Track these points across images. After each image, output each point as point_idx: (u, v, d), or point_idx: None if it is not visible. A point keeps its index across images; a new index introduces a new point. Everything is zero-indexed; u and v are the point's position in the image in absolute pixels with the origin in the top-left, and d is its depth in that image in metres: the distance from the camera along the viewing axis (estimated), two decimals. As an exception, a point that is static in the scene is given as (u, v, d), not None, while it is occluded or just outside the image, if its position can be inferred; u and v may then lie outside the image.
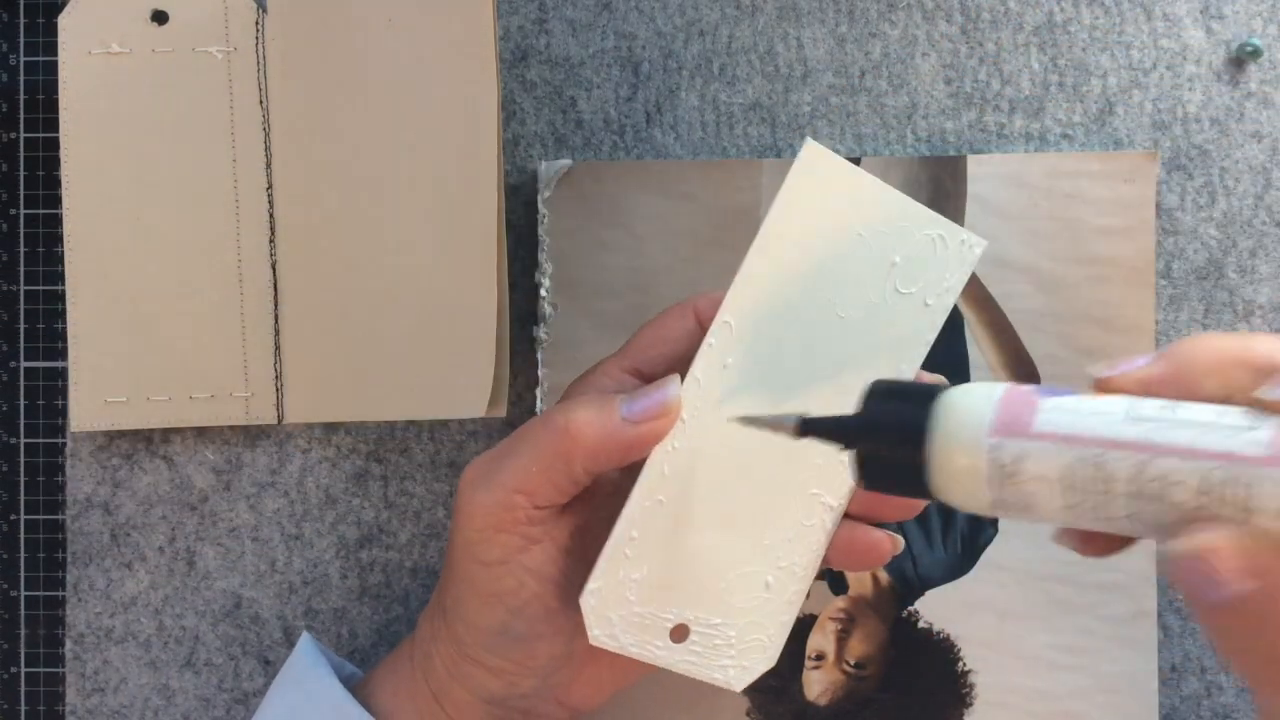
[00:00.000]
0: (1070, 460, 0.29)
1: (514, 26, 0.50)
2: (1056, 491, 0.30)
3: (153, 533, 0.50)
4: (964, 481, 0.31)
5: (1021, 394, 0.30)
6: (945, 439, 0.31)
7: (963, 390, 0.31)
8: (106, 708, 0.50)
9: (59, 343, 0.50)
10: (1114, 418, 0.29)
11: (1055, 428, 0.29)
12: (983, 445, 0.30)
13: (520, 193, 0.50)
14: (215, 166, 0.48)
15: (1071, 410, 0.30)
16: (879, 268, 0.39)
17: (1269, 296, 0.50)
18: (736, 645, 0.40)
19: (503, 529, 0.38)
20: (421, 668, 0.42)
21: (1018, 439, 0.30)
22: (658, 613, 0.39)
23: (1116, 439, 0.29)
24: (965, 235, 0.39)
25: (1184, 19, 0.50)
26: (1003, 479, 0.30)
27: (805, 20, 0.50)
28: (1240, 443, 0.28)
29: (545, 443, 0.38)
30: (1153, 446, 0.28)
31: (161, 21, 0.48)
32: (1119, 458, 0.29)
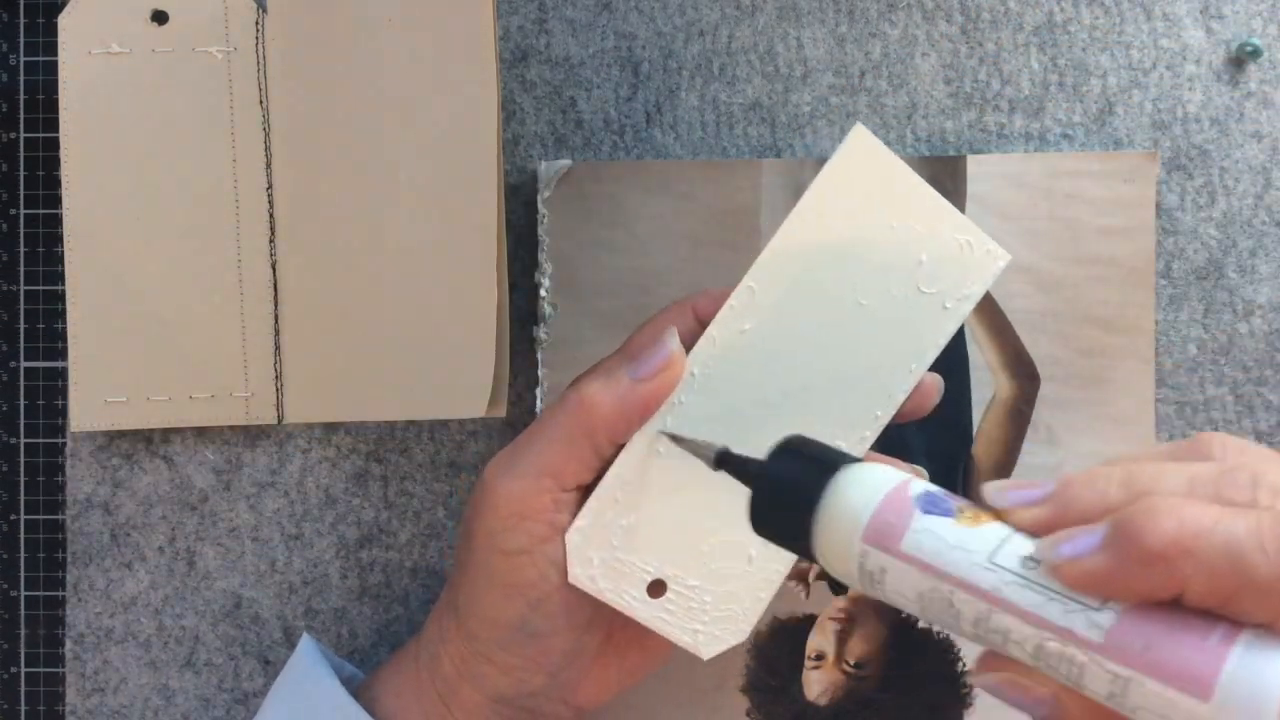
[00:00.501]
0: (925, 587, 0.30)
1: (514, 26, 0.50)
2: (914, 605, 0.30)
3: (153, 533, 0.50)
4: (840, 569, 0.32)
5: (900, 503, 0.31)
6: (826, 526, 0.32)
7: (855, 478, 0.32)
8: (106, 708, 0.50)
9: (59, 343, 0.50)
10: (974, 557, 0.29)
11: (918, 552, 0.30)
12: (854, 548, 0.31)
13: (520, 193, 0.50)
14: (215, 166, 0.48)
15: (938, 537, 0.30)
16: (905, 263, 0.39)
17: (1269, 296, 0.50)
18: (710, 612, 0.40)
19: (528, 515, 0.39)
20: (428, 669, 0.42)
21: (884, 553, 0.30)
22: (638, 563, 0.40)
23: (969, 582, 0.29)
24: (991, 246, 0.40)
25: (1184, 19, 0.50)
26: (869, 580, 0.31)
27: (805, 20, 0.50)
28: (1081, 622, 0.27)
29: (564, 421, 0.39)
30: (1000, 601, 0.28)
31: (161, 21, 0.48)
32: (967, 601, 0.29)
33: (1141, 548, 0.26)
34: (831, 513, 0.31)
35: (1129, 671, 0.26)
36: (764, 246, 0.50)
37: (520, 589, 0.39)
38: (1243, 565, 0.26)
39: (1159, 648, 0.26)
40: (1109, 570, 0.27)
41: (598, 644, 0.41)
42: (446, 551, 0.50)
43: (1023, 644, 0.28)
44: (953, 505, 0.30)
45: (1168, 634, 0.26)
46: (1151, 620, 0.27)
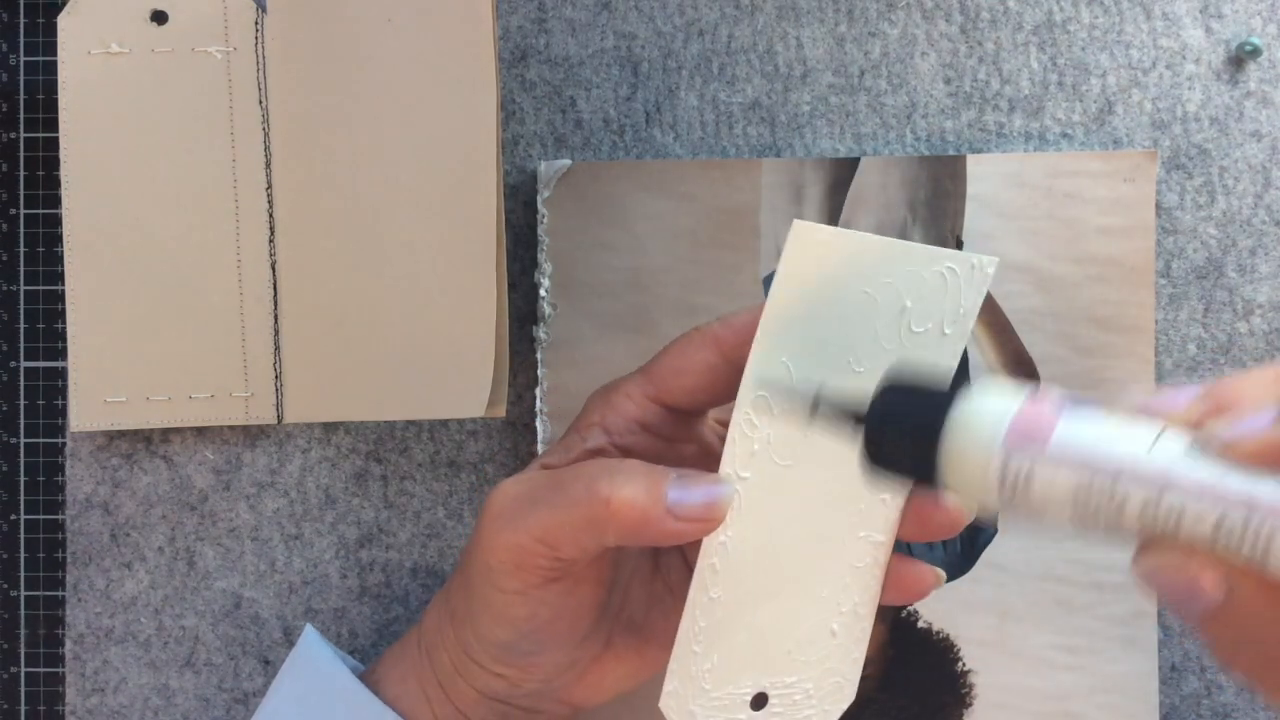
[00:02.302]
0: (1081, 481, 0.28)
1: (513, 26, 0.50)
2: (1066, 509, 0.29)
3: (152, 533, 0.50)
4: (973, 486, 0.30)
5: (1042, 405, 0.29)
6: (957, 444, 0.30)
7: (981, 394, 0.30)
8: (106, 708, 0.50)
9: (59, 343, 0.50)
10: (1135, 445, 0.28)
11: (1071, 448, 0.28)
12: (994, 456, 0.29)
13: (520, 192, 0.50)
14: (215, 167, 0.48)
15: (1091, 431, 0.28)
16: (891, 317, 0.38)
17: (1268, 295, 0.50)
18: (815, 695, 0.40)
19: (524, 567, 0.38)
20: (429, 656, 0.42)
21: (1030, 454, 0.29)
22: (734, 691, 0.39)
23: (1134, 468, 0.28)
24: (975, 259, 0.38)
25: (1183, 18, 0.50)
26: (1012, 490, 0.29)
27: (804, 20, 0.50)
28: (1265, 490, 0.26)
29: (582, 506, 0.36)
30: (1171, 482, 0.27)
31: (161, 21, 0.48)
32: (1134, 488, 0.28)
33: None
34: (964, 426, 0.30)
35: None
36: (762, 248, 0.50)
37: (512, 621, 0.39)
38: None
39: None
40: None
41: (595, 653, 0.41)
42: (446, 551, 0.50)
43: (1200, 522, 0.27)
44: (1098, 405, 0.29)
45: None
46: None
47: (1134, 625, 0.49)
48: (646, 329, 0.49)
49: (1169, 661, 0.50)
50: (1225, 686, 0.50)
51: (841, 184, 0.49)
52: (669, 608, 0.41)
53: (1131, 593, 0.49)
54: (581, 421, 0.41)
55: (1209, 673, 0.50)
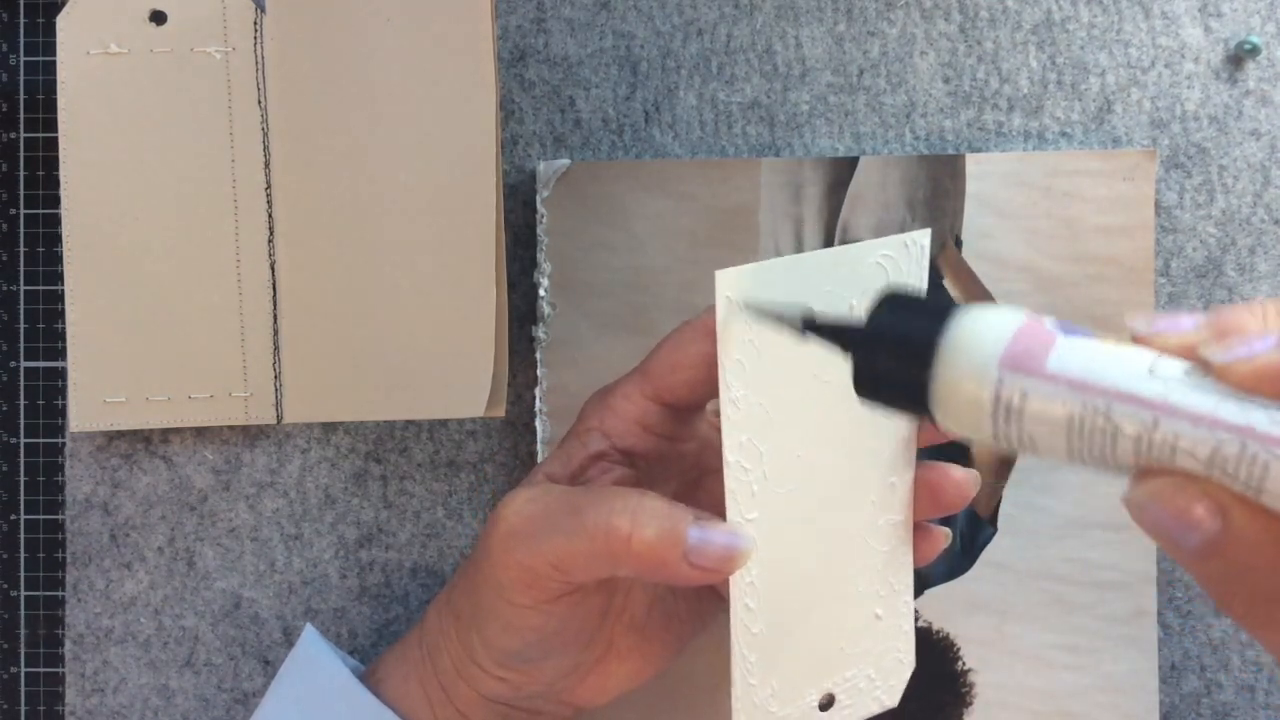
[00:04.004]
0: (1078, 406, 0.27)
1: (512, 26, 0.50)
2: (1060, 435, 0.28)
3: (152, 533, 0.50)
4: (966, 410, 0.29)
5: (1039, 328, 0.29)
6: (951, 364, 0.29)
7: (978, 313, 0.29)
8: (106, 708, 0.50)
9: (59, 343, 0.50)
10: (1132, 369, 0.27)
11: (1068, 370, 0.28)
12: (990, 377, 0.28)
13: (519, 192, 0.50)
14: (214, 167, 0.48)
15: (1088, 354, 0.28)
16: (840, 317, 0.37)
17: (1268, 294, 0.50)
18: (876, 676, 0.40)
19: (535, 586, 0.38)
20: (430, 658, 0.42)
21: (1026, 376, 0.28)
22: (801, 703, 0.39)
23: (1130, 392, 0.27)
24: (908, 238, 0.38)
25: (1182, 17, 0.50)
26: (1006, 414, 0.28)
27: (803, 19, 0.50)
28: (1263, 419, 0.25)
29: (600, 541, 0.36)
30: (1167, 407, 0.26)
31: (160, 22, 0.48)
32: (1129, 412, 0.27)
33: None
34: (958, 346, 0.29)
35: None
36: (761, 247, 0.50)
37: (520, 631, 0.39)
38: None
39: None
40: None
41: (598, 655, 0.41)
42: (446, 551, 0.50)
43: (1195, 450, 0.26)
44: (1093, 333, 0.28)
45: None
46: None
47: (1134, 625, 0.49)
48: (646, 329, 0.49)
49: (1169, 661, 0.50)
50: (1225, 685, 0.50)
51: (841, 183, 0.49)
52: (670, 608, 0.41)
53: (1131, 592, 0.49)
54: (580, 426, 0.41)
55: (1209, 672, 0.50)
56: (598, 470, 0.40)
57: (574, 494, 0.38)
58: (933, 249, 0.49)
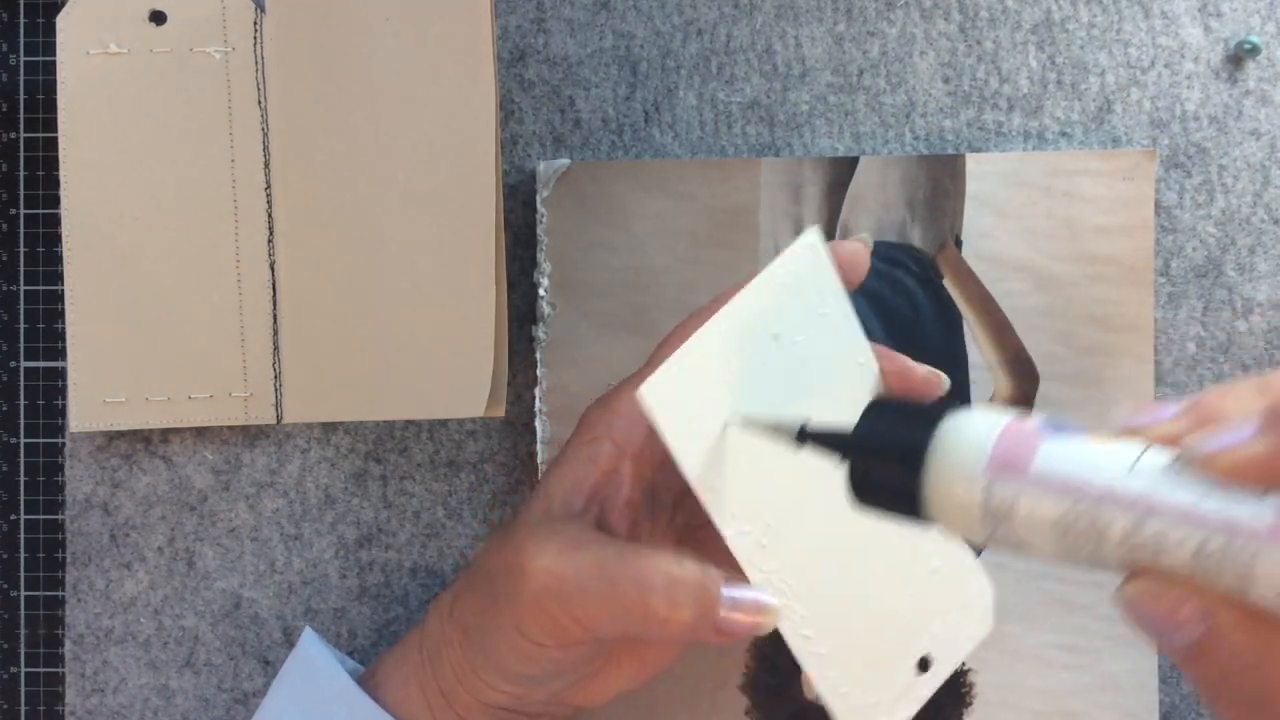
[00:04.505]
0: (1065, 508, 0.28)
1: (512, 26, 0.50)
2: (1049, 536, 0.28)
3: (152, 533, 0.50)
4: (959, 515, 0.29)
5: (1023, 430, 0.29)
6: (941, 470, 0.29)
7: (964, 419, 0.30)
8: (106, 708, 0.50)
9: (59, 343, 0.50)
10: (1116, 468, 0.27)
11: (1052, 472, 0.28)
12: (978, 482, 0.29)
13: (519, 192, 0.50)
14: (213, 167, 0.48)
15: (1073, 455, 0.28)
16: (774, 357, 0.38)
17: (1268, 294, 0.50)
18: (960, 618, 0.41)
19: (556, 635, 0.38)
20: (431, 663, 0.42)
21: (1013, 480, 0.28)
22: (900, 680, 0.40)
23: (1114, 491, 0.27)
24: (797, 246, 0.38)
25: (1182, 17, 0.50)
26: (997, 518, 0.29)
27: (803, 19, 0.50)
28: (1245, 512, 0.25)
29: (636, 615, 0.37)
30: (1151, 505, 0.26)
31: (160, 22, 0.48)
32: (1114, 512, 0.27)
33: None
34: (945, 456, 0.29)
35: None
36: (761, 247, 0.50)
37: (536, 662, 0.40)
38: None
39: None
40: (1269, 456, 0.25)
41: (600, 666, 0.41)
42: (445, 551, 0.50)
43: (1180, 549, 0.26)
44: (1077, 428, 0.29)
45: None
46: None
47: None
48: (646, 329, 0.49)
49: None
50: (1225, 685, 0.50)
51: (840, 183, 0.49)
52: None
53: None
54: (585, 436, 0.41)
55: (1209, 672, 0.50)
56: (612, 489, 0.40)
57: (607, 560, 0.38)
58: (932, 249, 0.49)
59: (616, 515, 0.40)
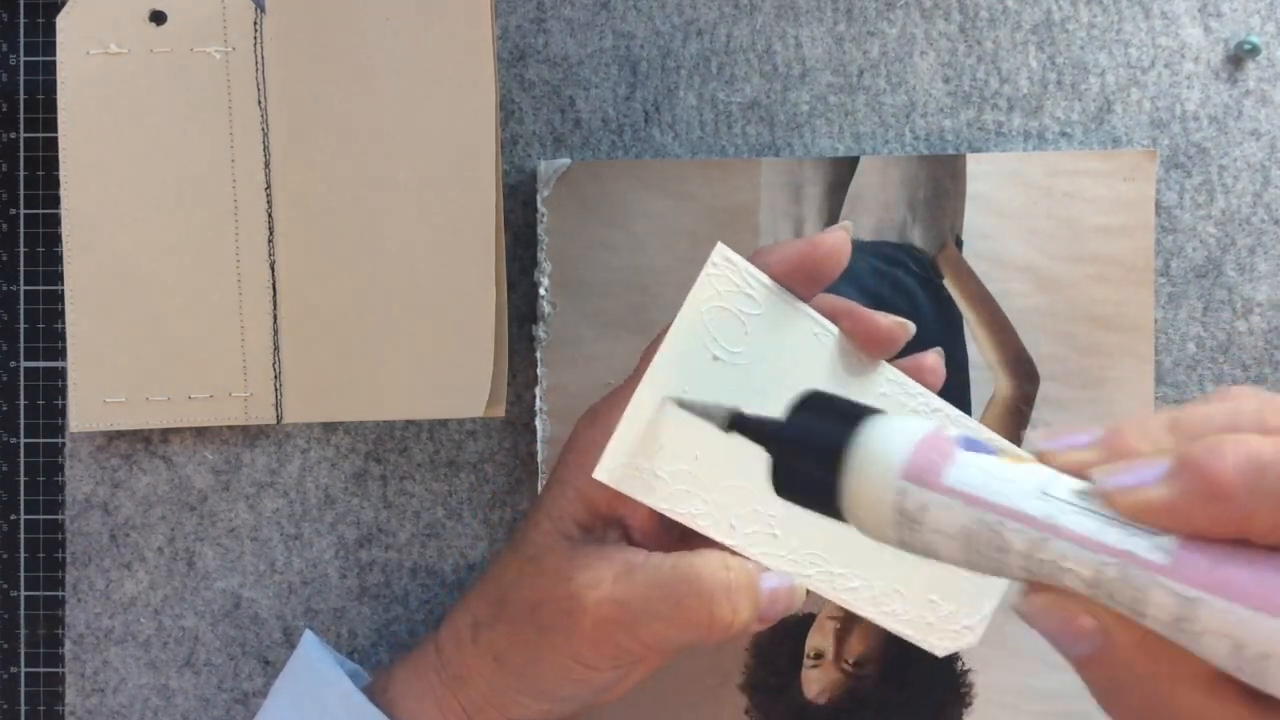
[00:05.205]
0: (970, 521, 0.28)
1: (512, 26, 0.50)
2: (956, 546, 0.29)
3: (152, 533, 0.50)
4: (872, 516, 0.30)
5: (940, 441, 0.30)
6: (858, 471, 0.30)
7: (885, 424, 0.31)
8: (106, 708, 0.50)
9: (59, 343, 0.50)
10: (1024, 488, 0.28)
11: (963, 485, 0.29)
12: (891, 487, 0.29)
13: (519, 192, 0.50)
14: (214, 167, 0.48)
15: (984, 471, 0.29)
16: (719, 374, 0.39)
17: (1267, 294, 0.50)
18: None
19: (619, 658, 0.39)
20: (451, 687, 0.42)
21: (925, 488, 0.29)
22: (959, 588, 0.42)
23: (1020, 511, 0.28)
24: (710, 264, 0.39)
25: (1182, 17, 0.50)
26: (906, 524, 0.29)
27: (803, 19, 0.50)
28: (1143, 544, 0.26)
29: (702, 619, 0.38)
30: (1054, 528, 0.27)
31: (160, 22, 0.48)
32: (1019, 530, 0.28)
33: (1209, 482, 0.26)
34: (864, 458, 0.30)
35: (1196, 592, 0.25)
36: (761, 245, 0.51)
37: (587, 684, 0.40)
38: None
39: (1228, 566, 0.25)
40: (1172, 502, 0.26)
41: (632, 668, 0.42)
42: (446, 551, 0.50)
43: (1079, 571, 0.27)
44: (993, 448, 0.29)
45: (1235, 552, 0.26)
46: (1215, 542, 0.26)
47: (1134, 624, 0.49)
48: (646, 328, 0.49)
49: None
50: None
51: (841, 183, 0.49)
52: None
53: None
54: (579, 455, 0.41)
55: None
56: (627, 505, 0.40)
57: (664, 579, 0.39)
58: (933, 249, 0.49)
59: (639, 529, 0.41)
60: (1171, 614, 0.26)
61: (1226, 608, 0.25)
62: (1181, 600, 0.26)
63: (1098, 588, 0.27)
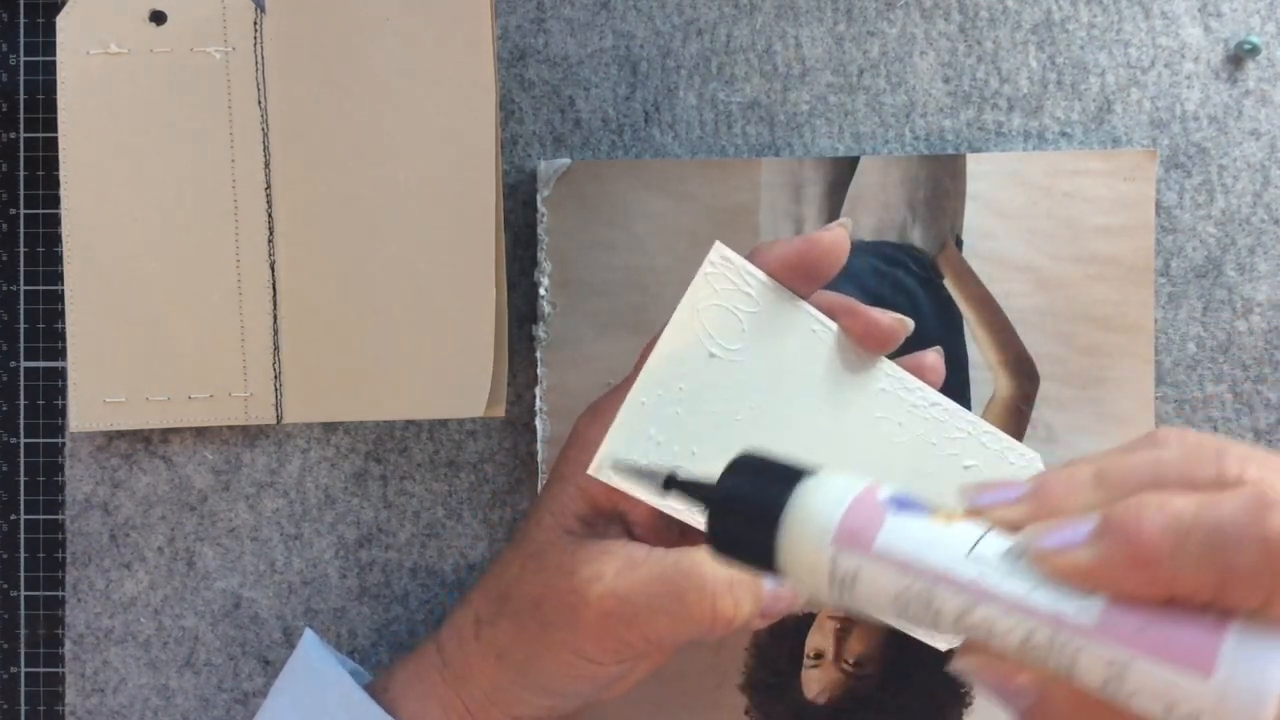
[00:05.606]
0: (902, 586, 0.28)
1: (512, 26, 0.50)
2: (889, 608, 0.29)
3: (152, 533, 0.50)
4: (807, 578, 0.30)
5: (872, 504, 0.30)
6: (792, 535, 0.30)
7: (817, 486, 0.30)
8: (106, 708, 0.50)
9: (59, 343, 0.50)
10: (953, 552, 0.28)
11: (892, 550, 0.29)
12: (825, 552, 0.29)
13: (519, 192, 0.50)
14: (214, 167, 0.48)
15: (914, 534, 0.29)
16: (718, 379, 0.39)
17: (1267, 294, 0.50)
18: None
19: (622, 653, 0.40)
20: (453, 685, 0.43)
21: (856, 553, 0.29)
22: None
23: (949, 575, 0.28)
24: (708, 262, 0.39)
25: (1182, 17, 0.50)
26: (841, 586, 0.30)
27: (803, 19, 0.50)
28: (1071, 608, 0.26)
29: (706, 622, 0.39)
30: (983, 592, 0.27)
31: (160, 22, 0.48)
32: (948, 595, 0.28)
33: (1133, 546, 0.26)
34: (797, 522, 0.30)
35: (1126, 654, 0.26)
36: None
37: (591, 680, 0.40)
38: (1226, 557, 0.25)
39: (1155, 627, 0.26)
40: (1097, 565, 0.26)
41: (635, 664, 0.42)
42: (446, 551, 0.50)
43: (1008, 636, 0.27)
44: (924, 506, 0.30)
45: (1162, 613, 0.26)
46: (1143, 603, 0.26)
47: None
48: (646, 328, 0.49)
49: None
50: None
51: (841, 183, 0.49)
52: None
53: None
54: (580, 451, 0.41)
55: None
56: (628, 500, 0.40)
57: (667, 573, 0.39)
58: (933, 249, 0.49)
59: (640, 525, 0.41)
60: (1102, 676, 0.26)
61: (1156, 668, 0.25)
62: (1110, 663, 0.26)
63: (1029, 650, 0.27)
